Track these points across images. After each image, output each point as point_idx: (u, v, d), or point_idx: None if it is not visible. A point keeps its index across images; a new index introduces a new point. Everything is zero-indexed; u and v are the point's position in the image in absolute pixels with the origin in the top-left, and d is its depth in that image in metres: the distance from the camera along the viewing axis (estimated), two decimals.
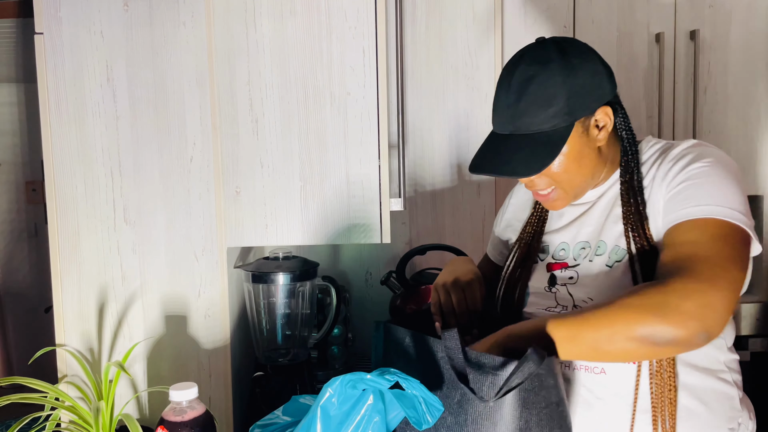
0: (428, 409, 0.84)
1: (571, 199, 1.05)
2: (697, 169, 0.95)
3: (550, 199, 1.04)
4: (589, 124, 0.99)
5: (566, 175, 1.00)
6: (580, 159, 0.99)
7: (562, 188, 1.02)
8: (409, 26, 1.76)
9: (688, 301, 0.82)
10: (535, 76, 0.95)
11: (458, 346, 0.90)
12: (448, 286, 1.11)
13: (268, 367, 1.46)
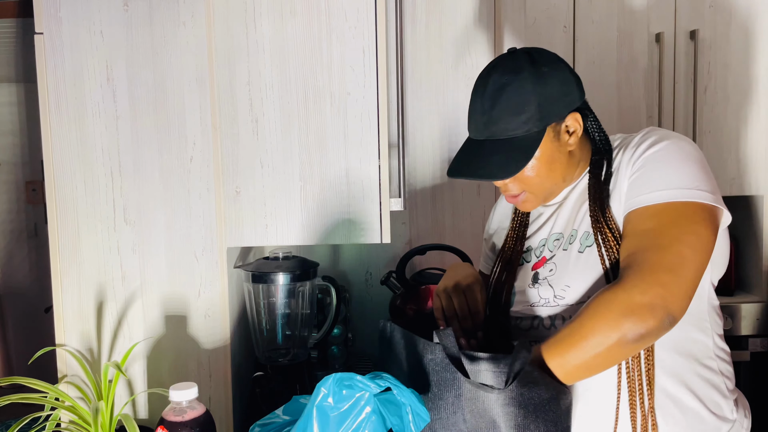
0: (414, 418, 0.85)
1: (541, 201, 1.10)
2: (652, 153, 0.99)
3: (520, 201, 1.09)
4: (560, 130, 1.04)
5: (537, 179, 1.05)
6: (551, 163, 1.04)
7: (533, 192, 1.07)
8: (409, 26, 1.76)
9: (648, 294, 0.88)
10: (508, 84, 1.00)
11: (454, 343, 0.90)
12: (450, 291, 1.14)
13: (268, 367, 1.46)
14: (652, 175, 0.97)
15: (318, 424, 0.83)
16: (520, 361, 0.85)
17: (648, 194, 0.96)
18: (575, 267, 1.03)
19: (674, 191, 0.95)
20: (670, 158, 0.98)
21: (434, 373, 0.93)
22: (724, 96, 1.88)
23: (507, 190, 1.08)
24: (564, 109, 1.02)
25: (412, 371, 0.99)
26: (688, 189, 0.95)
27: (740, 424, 1.05)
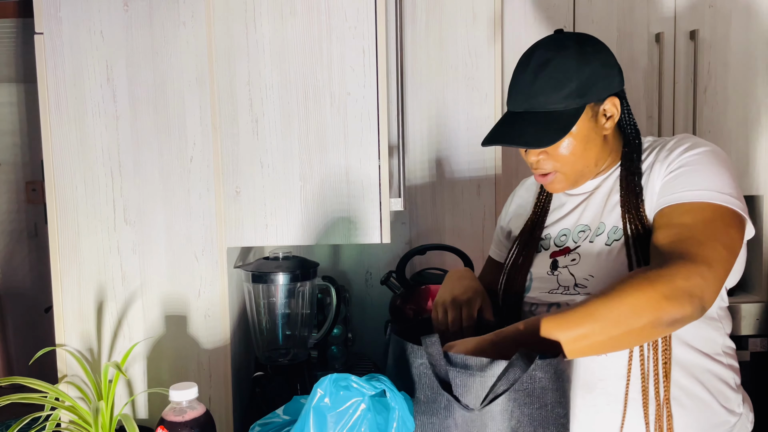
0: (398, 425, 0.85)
1: (570, 183, 1.10)
2: (692, 156, 1.01)
3: (549, 181, 1.09)
4: (597, 111, 1.05)
5: (571, 158, 1.05)
6: (586, 143, 1.05)
7: (564, 171, 1.07)
8: (409, 26, 1.76)
9: (690, 281, 0.88)
10: (552, 59, 1.02)
11: (440, 352, 0.89)
12: (447, 305, 1.15)
13: (268, 367, 1.46)
14: (690, 176, 0.99)
15: (314, 425, 0.83)
16: (509, 378, 0.84)
17: (685, 192, 0.98)
18: (600, 259, 1.04)
19: (712, 193, 0.97)
20: (708, 163, 1.00)
21: (425, 376, 0.92)
22: (724, 96, 1.88)
23: (538, 167, 1.08)
24: (604, 91, 1.03)
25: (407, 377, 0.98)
26: (725, 194, 0.97)
27: (746, 418, 1.08)
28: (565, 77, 1.01)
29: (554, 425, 0.89)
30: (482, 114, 1.77)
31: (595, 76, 1.02)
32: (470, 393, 0.88)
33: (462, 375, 0.88)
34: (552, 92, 1.01)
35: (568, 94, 1.01)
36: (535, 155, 1.07)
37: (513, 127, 1.05)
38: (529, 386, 0.86)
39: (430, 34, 1.77)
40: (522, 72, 1.05)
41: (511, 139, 1.04)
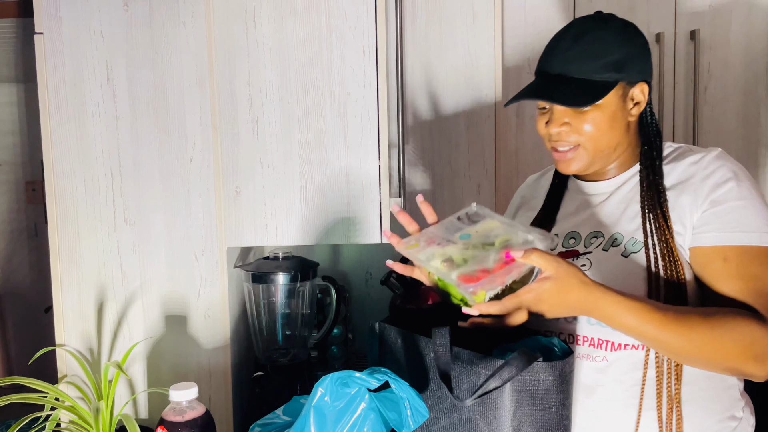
0: (412, 413, 0.84)
1: (588, 162, 1.06)
2: (737, 189, 0.99)
3: (568, 158, 1.06)
4: (627, 94, 1.04)
5: (596, 132, 1.03)
6: (612, 121, 1.03)
7: (586, 147, 1.04)
8: (409, 26, 1.76)
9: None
10: (593, 30, 1.02)
11: (447, 343, 0.90)
12: None
13: (268, 367, 1.46)
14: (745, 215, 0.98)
15: (315, 425, 0.83)
16: (502, 376, 0.84)
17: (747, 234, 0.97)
18: (616, 270, 1.02)
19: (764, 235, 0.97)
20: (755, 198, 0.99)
21: (437, 369, 0.93)
22: (724, 96, 1.88)
23: (560, 139, 1.05)
24: (637, 75, 1.03)
25: (412, 370, 0.99)
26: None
27: (747, 422, 1.07)
28: (604, 49, 1.01)
29: (557, 427, 0.89)
30: (482, 114, 1.77)
31: (633, 55, 1.02)
32: (469, 388, 0.88)
33: (464, 370, 0.89)
34: (589, 60, 1.01)
35: (605, 65, 1.00)
36: (558, 125, 1.04)
37: (544, 86, 1.04)
38: (533, 387, 0.86)
39: (430, 34, 1.77)
40: (561, 38, 1.04)
41: (544, 94, 1.02)
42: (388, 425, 0.85)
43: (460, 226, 0.99)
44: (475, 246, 0.92)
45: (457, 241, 0.94)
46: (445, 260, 0.91)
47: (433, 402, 0.93)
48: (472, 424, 0.89)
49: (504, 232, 0.94)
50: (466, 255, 0.91)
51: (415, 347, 0.98)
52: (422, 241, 0.98)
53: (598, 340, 1.02)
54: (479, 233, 0.95)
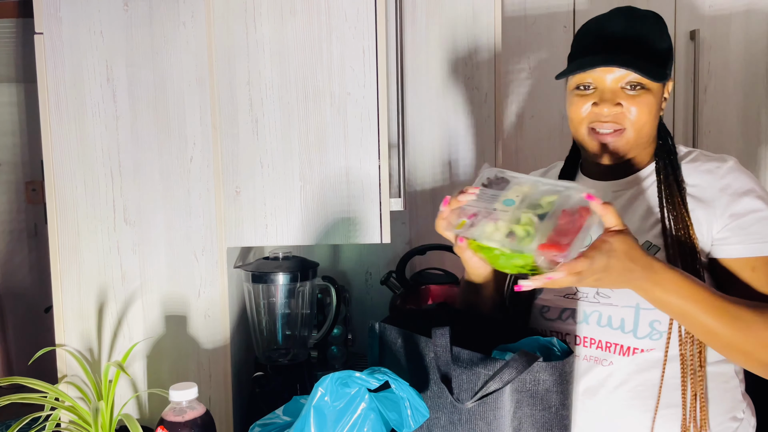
0: (413, 413, 0.84)
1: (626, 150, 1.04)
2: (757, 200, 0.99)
3: (609, 139, 1.03)
4: (663, 87, 1.04)
5: (644, 117, 1.01)
6: (656, 110, 1.03)
7: (630, 130, 1.01)
8: (409, 26, 1.76)
9: None
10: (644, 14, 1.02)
11: (447, 344, 0.90)
12: None
13: (268, 367, 1.46)
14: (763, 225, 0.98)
15: (315, 425, 0.83)
16: (502, 378, 0.84)
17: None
18: None
19: None
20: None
21: (437, 370, 0.93)
22: (724, 96, 1.88)
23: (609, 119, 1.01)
24: (671, 71, 1.03)
25: (412, 371, 0.99)
26: None
27: (748, 422, 1.07)
28: (659, 35, 1.01)
29: (557, 427, 0.89)
30: (482, 114, 1.77)
31: (671, 50, 1.03)
32: (469, 389, 0.88)
33: (464, 371, 0.89)
34: (649, 42, 0.99)
35: (662, 52, 1.00)
36: (611, 105, 1.00)
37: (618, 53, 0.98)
38: (533, 388, 0.86)
39: (430, 34, 1.77)
40: (617, 19, 1.01)
41: (622, 61, 0.97)
42: (389, 425, 0.85)
43: (494, 192, 0.93)
44: (526, 211, 0.88)
45: (502, 208, 0.90)
46: (508, 234, 0.86)
47: (433, 402, 0.93)
48: (472, 424, 0.89)
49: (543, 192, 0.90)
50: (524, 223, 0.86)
51: (415, 347, 0.98)
52: (465, 216, 0.93)
53: (606, 343, 1.02)
54: (520, 197, 0.90)
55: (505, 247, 0.86)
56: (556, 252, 0.81)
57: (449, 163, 1.80)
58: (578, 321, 1.05)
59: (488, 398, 0.87)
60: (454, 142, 1.79)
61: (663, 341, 0.99)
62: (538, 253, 0.82)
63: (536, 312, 1.10)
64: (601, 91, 1.01)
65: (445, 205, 0.93)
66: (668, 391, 1.00)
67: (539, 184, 0.92)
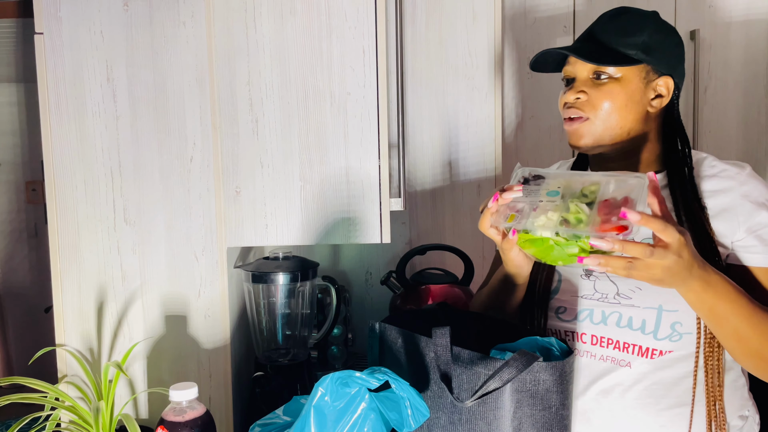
0: (413, 413, 0.84)
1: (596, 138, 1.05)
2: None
3: (576, 126, 1.06)
4: (651, 81, 1.04)
5: (610, 105, 1.03)
6: (628, 100, 1.03)
7: (596, 119, 1.03)
8: (409, 26, 1.76)
9: None
10: (631, 11, 1.07)
11: (447, 344, 0.90)
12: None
13: (268, 367, 1.46)
14: None
15: (315, 424, 0.83)
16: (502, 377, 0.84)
17: None
18: None
19: None
20: None
21: (437, 370, 0.93)
22: (724, 96, 1.88)
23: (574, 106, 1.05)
24: (665, 67, 1.04)
25: (412, 370, 0.99)
26: None
27: (753, 419, 1.09)
28: (637, 29, 1.03)
29: (558, 427, 0.89)
30: (482, 114, 1.77)
31: (664, 45, 1.04)
32: (469, 389, 0.88)
33: (464, 370, 0.89)
34: (620, 35, 1.03)
35: (633, 44, 1.02)
36: (575, 93, 1.05)
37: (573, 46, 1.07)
38: (533, 387, 0.86)
39: (430, 34, 1.77)
40: (601, 18, 1.09)
41: (575, 50, 1.05)
42: (389, 425, 0.85)
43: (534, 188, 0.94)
44: (572, 200, 0.88)
45: (548, 199, 0.91)
46: (561, 222, 0.87)
47: (433, 402, 0.94)
48: (472, 423, 0.89)
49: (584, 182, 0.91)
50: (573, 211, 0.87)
51: (415, 347, 0.98)
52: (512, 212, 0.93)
53: (624, 344, 1.02)
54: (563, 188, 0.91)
55: (561, 234, 0.86)
56: (617, 232, 0.82)
57: (449, 163, 1.80)
58: (595, 322, 1.05)
59: (488, 398, 0.87)
60: (454, 142, 1.79)
61: (682, 342, 1.00)
62: (598, 235, 0.82)
63: (552, 313, 1.10)
64: (575, 83, 1.07)
65: (494, 200, 0.94)
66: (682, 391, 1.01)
67: (576, 175, 0.94)
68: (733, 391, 1.04)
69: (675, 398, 1.00)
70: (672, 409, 1.00)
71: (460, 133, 1.78)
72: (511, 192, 0.94)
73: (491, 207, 0.95)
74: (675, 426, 1.00)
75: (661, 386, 1.01)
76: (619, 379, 1.02)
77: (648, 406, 1.01)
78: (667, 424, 1.01)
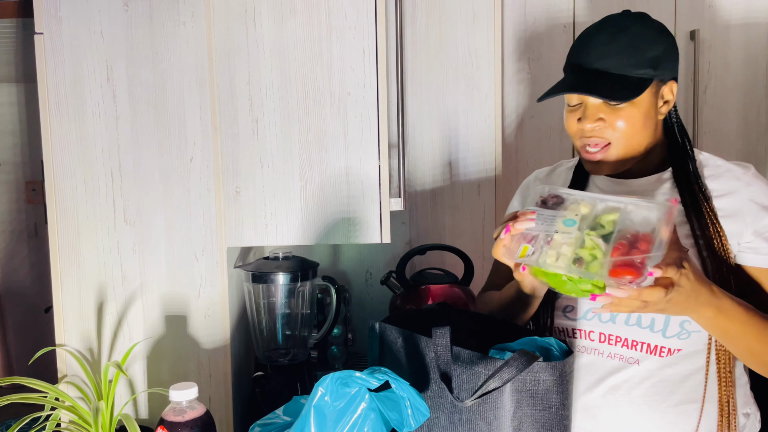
0: (413, 412, 0.84)
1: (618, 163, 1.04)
2: None
3: (598, 158, 1.03)
4: (659, 91, 1.03)
5: (630, 130, 1.01)
6: (645, 119, 1.01)
7: (617, 145, 1.02)
8: (409, 26, 1.76)
9: None
10: (632, 25, 1.01)
11: (447, 343, 0.90)
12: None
13: (268, 367, 1.46)
14: None
15: (315, 424, 0.83)
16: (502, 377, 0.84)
17: None
18: None
19: None
20: None
21: (437, 369, 0.93)
22: (724, 96, 1.87)
23: (594, 134, 1.02)
24: (668, 73, 1.02)
25: (412, 370, 0.99)
26: None
27: (755, 417, 1.09)
28: (644, 44, 0.99)
29: (558, 427, 0.89)
30: (482, 114, 1.77)
31: (668, 53, 1.01)
32: (469, 389, 0.88)
33: (464, 370, 0.89)
34: (628, 56, 0.99)
35: (643, 61, 0.99)
36: (592, 121, 1.01)
37: (583, 80, 1.01)
38: (533, 387, 0.86)
39: (430, 34, 1.77)
40: (597, 32, 1.02)
41: (584, 88, 0.99)
42: (389, 425, 0.85)
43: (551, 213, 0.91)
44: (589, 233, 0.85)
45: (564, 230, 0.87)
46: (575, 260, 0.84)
47: (433, 402, 0.94)
48: (472, 423, 0.89)
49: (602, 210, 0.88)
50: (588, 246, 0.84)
51: (415, 347, 0.98)
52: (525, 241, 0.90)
53: (632, 342, 1.02)
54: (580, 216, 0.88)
55: (573, 273, 0.84)
56: (631, 276, 0.80)
57: (449, 163, 1.80)
58: (604, 320, 1.05)
59: (488, 398, 0.87)
60: (454, 142, 1.79)
61: (691, 340, 1.01)
62: (611, 279, 0.80)
63: (559, 312, 1.10)
64: (585, 107, 1.03)
65: (506, 232, 0.93)
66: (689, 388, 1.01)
67: (597, 201, 0.90)
68: (738, 389, 1.05)
69: (682, 395, 1.01)
70: (679, 406, 1.01)
71: (460, 133, 1.78)
72: (523, 222, 0.91)
73: (504, 239, 0.93)
74: (682, 422, 1.01)
75: (668, 383, 1.01)
76: (627, 376, 1.03)
77: (655, 404, 1.01)
78: (674, 420, 1.01)
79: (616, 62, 0.99)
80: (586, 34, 1.05)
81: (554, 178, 1.22)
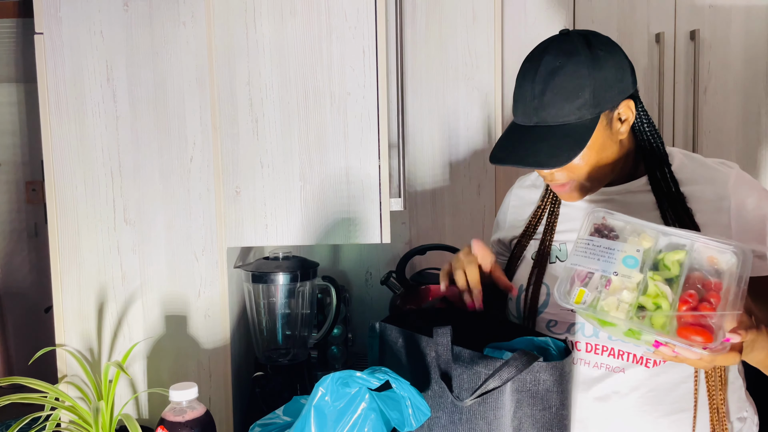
0: (414, 412, 0.84)
1: (587, 192, 1.03)
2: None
3: (567, 191, 1.03)
4: (612, 117, 0.98)
5: (587, 168, 0.99)
6: (602, 152, 0.99)
7: (581, 179, 1.00)
8: (409, 26, 1.76)
9: None
10: (562, 67, 0.94)
11: (448, 343, 0.90)
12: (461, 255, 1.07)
13: (268, 367, 1.46)
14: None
15: (315, 424, 0.83)
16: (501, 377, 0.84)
17: None
18: None
19: None
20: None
21: (437, 369, 0.93)
22: (724, 96, 1.87)
23: (552, 179, 1.01)
24: (618, 96, 0.96)
25: (413, 370, 0.99)
26: None
27: (752, 420, 1.09)
28: (578, 86, 0.93)
29: (557, 427, 0.89)
30: (482, 114, 1.77)
31: (609, 81, 0.95)
32: (470, 388, 0.88)
33: (465, 370, 0.89)
34: (564, 104, 0.94)
35: (582, 104, 0.93)
36: (548, 177, 1.01)
37: (522, 143, 0.97)
38: (533, 387, 0.86)
39: (430, 34, 1.77)
40: (529, 81, 0.96)
41: (523, 158, 0.95)
42: (389, 425, 0.85)
43: (607, 245, 0.81)
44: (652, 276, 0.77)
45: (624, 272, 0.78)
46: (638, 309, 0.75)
47: (434, 401, 0.93)
48: (472, 423, 0.89)
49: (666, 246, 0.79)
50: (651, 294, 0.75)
51: (415, 347, 0.98)
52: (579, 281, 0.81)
53: (619, 351, 1.01)
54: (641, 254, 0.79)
55: (635, 327, 0.76)
56: (702, 338, 0.72)
57: (449, 163, 1.80)
58: (587, 335, 1.04)
59: (489, 398, 0.87)
60: (454, 142, 1.79)
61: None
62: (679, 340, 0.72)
63: (542, 326, 1.09)
64: None
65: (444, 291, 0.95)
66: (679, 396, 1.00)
67: (659, 234, 0.82)
68: (731, 393, 1.04)
69: (672, 404, 1.00)
70: (671, 416, 1.00)
71: (460, 134, 1.78)
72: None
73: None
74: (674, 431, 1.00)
75: (658, 393, 1.00)
76: (615, 386, 1.01)
77: (645, 414, 1.00)
78: (667, 430, 1.00)
79: (553, 113, 0.94)
80: (519, 83, 0.99)
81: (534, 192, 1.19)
